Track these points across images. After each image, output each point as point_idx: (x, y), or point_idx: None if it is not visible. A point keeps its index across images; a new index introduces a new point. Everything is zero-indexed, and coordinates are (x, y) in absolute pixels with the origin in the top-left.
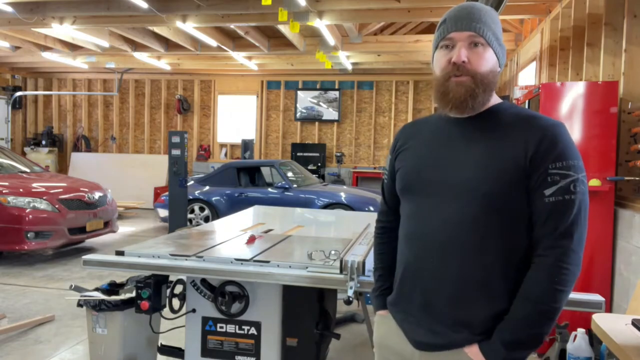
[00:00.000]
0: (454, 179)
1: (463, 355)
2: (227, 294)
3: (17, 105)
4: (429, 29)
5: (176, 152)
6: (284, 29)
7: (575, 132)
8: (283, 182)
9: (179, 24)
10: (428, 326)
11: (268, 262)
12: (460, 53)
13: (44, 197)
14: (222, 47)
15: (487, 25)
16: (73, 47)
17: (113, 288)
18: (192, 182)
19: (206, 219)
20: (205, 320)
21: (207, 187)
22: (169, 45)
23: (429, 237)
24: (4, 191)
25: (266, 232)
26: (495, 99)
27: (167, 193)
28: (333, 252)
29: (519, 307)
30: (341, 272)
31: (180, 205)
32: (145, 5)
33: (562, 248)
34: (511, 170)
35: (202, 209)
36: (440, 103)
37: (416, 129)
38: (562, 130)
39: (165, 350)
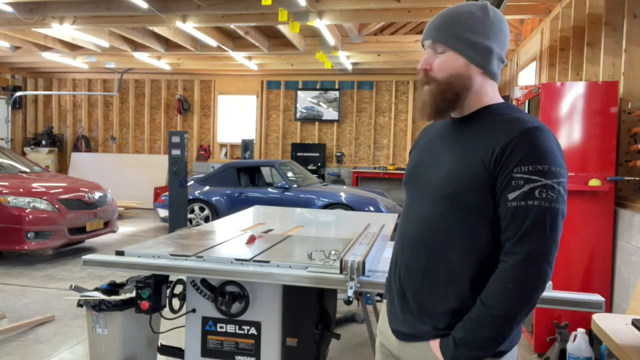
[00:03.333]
0: (430, 178)
1: (429, 349)
2: (227, 294)
3: (17, 105)
4: None
5: (176, 152)
6: (284, 29)
7: (575, 132)
8: (283, 182)
9: (179, 24)
10: (402, 316)
11: (268, 262)
12: (421, 62)
13: (44, 197)
14: (222, 47)
15: (448, 31)
16: (73, 47)
17: (113, 288)
18: (192, 182)
19: (206, 219)
20: (205, 320)
21: (207, 187)
22: (169, 45)
23: (407, 231)
24: (4, 191)
25: (266, 232)
26: (492, 99)
27: (167, 193)
28: (333, 252)
29: (475, 309)
30: (341, 272)
31: (180, 205)
32: (145, 5)
33: (518, 255)
34: (476, 171)
35: (202, 209)
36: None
37: (429, 130)
38: (537, 133)
39: (165, 350)
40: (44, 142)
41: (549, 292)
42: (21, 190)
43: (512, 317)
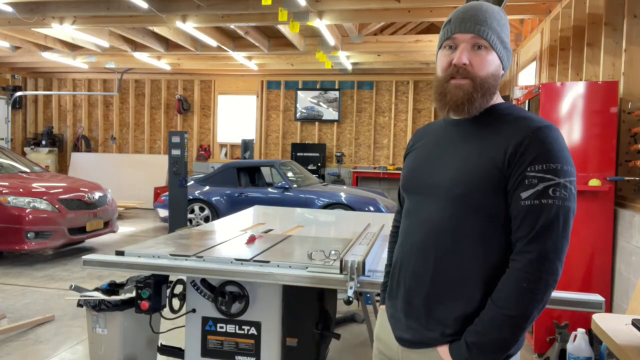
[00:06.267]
0: (437, 179)
1: (437, 355)
2: (227, 294)
3: (17, 105)
4: (429, 29)
5: (176, 152)
6: (284, 29)
7: (575, 132)
8: (283, 182)
9: (179, 24)
10: (407, 322)
11: (268, 262)
12: (461, 55)
13: (44, 197)
14: (222, 47)
15: (491, 28)
16: (73, 47)
17: (113, 288)
18: (192, 182)
19: (206, 219)
20: (205, 320)
21: (207, 187)
22: (169, 45)
23: (412, 235)
24: (4, 191)
25: (266, 232)
26: (496, 100)
27: (167, 193)
28: (333, 252)
29: (487, 310)
30: (341, 272)
31: (180, 205)
32: (145, 5)
33: (531, 253)
34: (488, 171)
35: (202, 209)
36: (439, 104)
37: (425, 132)
38: (548, 132)
39: (165, 350)
40: (44, 142)
41: None
42: (21, 190)
43: (526, 317)
